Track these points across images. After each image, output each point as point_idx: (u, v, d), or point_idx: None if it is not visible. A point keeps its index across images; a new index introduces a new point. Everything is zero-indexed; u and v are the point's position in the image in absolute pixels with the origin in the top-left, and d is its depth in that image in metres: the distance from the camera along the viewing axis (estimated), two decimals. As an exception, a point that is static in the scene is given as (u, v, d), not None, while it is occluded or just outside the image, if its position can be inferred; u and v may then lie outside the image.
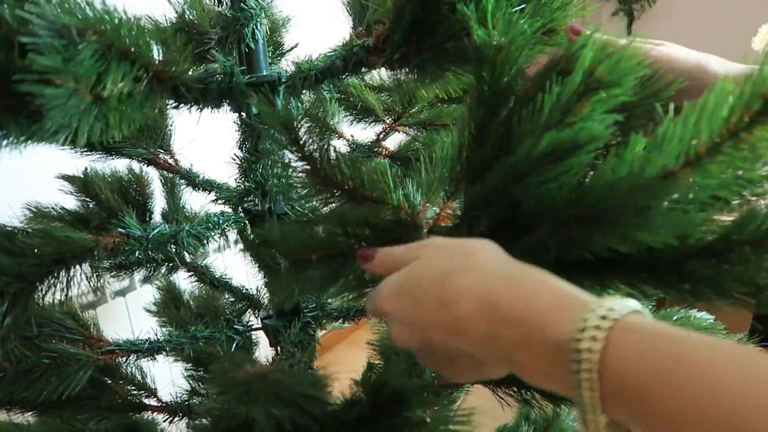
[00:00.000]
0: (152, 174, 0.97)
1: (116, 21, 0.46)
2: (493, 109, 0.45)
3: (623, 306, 0.33)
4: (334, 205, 0.53)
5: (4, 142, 0.46)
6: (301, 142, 0.49)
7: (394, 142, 1.12)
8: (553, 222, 0.41)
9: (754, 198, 0.40)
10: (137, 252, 0.77)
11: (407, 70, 0.64)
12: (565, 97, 0.41)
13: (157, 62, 0.55)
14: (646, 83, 0.45)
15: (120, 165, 0.95)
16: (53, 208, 0.90)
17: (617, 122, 0.42)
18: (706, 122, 0.37)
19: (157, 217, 0.96)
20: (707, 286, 0.42)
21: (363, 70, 0.69)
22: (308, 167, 0.50)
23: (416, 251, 0.43)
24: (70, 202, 0.92)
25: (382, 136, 1.08)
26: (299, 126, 0.49)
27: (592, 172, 0.42)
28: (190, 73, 0.63)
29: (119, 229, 0.75)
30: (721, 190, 0.38)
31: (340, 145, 1.03)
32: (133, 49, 0.49)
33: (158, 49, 0.55)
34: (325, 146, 0.50)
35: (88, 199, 0.91)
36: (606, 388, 0.31)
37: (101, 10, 0.45)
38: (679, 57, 0.61)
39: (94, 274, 0.73)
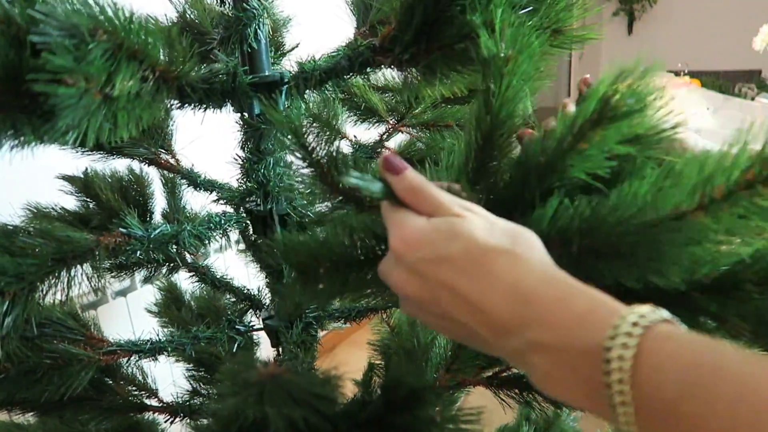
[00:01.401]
0: (153, 174, 0.97)
1: (125, 21, 0.46)
2: (501, 119, 0.45)
3: (655, 314, 0.32)
4: (340, 212, 0.52)
5: (16, 142, 0.46)
6: (309, 148, 0.49)
7: (395, 142, 1.12)
8: (562, 248, 0.41)
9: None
10: (138, 252, 0.77)
11: (415, 70, 0.64)
12: (579, 122, 0.41)
13: (163, 62, 0.55)
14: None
15: (120, 165, 0.95)
16: (53, 209, 0.90)
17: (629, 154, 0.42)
18: (723, 168, 0.37)
19: (157, 217, 0.96)
20: (711, 319, 0.42)
21: (368, 69, 0.69)
22: (316, 173, 0.50)
23: (459, 209, 0.40)
24: (70, 203, 0.91)
25: (385, 136, 1.08)
26: (307, 131, 0.49)
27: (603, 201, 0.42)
28: (194, 73, 0.63)
29: (120, 229, 0.75)
30: (733, 234, 0.39)
31: (343, 146, 1.04)
32: (141, 49, 0.49)
33: (163, 50, 0.55)
34: (334, 152, 0.49)
35: (88, 200, 0.91)
36: (638, 399, 0.30)
37: (111, 10, 0.45)
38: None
39: (95, 274, 0.73)
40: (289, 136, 0.48)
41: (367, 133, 1.11)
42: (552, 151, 0.42)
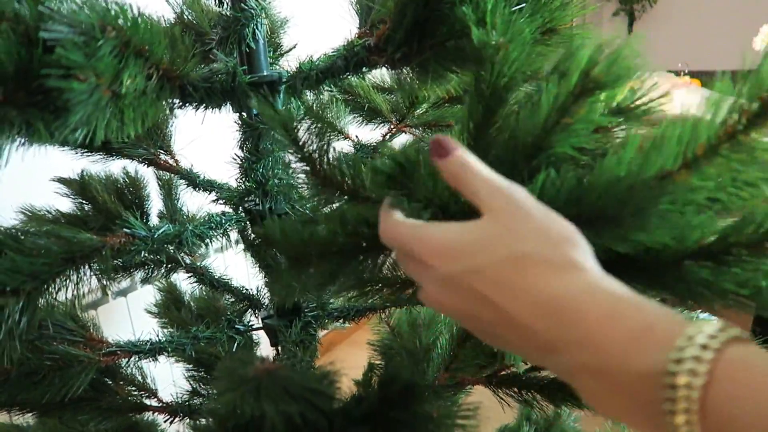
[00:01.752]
0: (149, 176, 0.97)
1: (133, 18, 0.47)
2: (492, 108, 0.45)
3: (726, 333, 0.28)
4: (335, 205, 0.53)
5: (26, 140, 0.46)
6: (300, 143, 0.49)
7: (398, 143, 1.12)
8: None
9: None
10: (142, 252, 0.77)
11: (409, 69, 0.65)
12: (561, 98, 0.41)
13: (166, 60, 0.55)
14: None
15: (114, 168, 0.95)
16: (48, 211, 0.90)
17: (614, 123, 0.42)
18: (704, 124, 0.37)
19: (153, 219, 0.96)
20: (705, 287, 0.41)
21: (364, 69, 0.69)
22: (308, 168, 0.50)
23: (502, 198, 0.36)
24: (64, 205, 0.91)
25: (388, 137, 1.08)
26: (298, 126, 0.49)
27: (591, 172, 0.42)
28: (195, 72, 0.64)
29: (125, 230, 0.75)
30: (719, 192, 0.38)
31: (343, 146, 1.04)
32: (146, 47, 0.50)
33: (166, 48, 0.55)
34: (325, 146, 0.50)
35: (84, 202, 0.91)
36: (708, 421, 0.27)
37: (118, 7, 0.45)
38: None
39: (103, 274, 0.73)
40: (280, 130, 0.49)
41: (371, 134, 1.12)
42: (538, 129, 0.42)
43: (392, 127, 1.09)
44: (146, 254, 0.79)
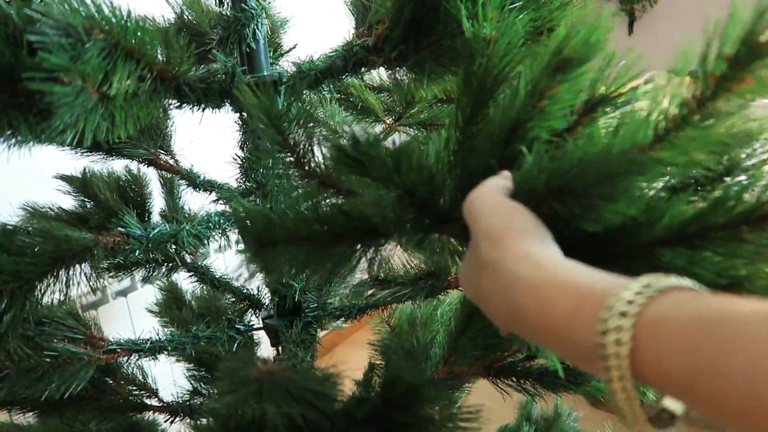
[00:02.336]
0: (151, 174, 0.97)
1: (122, 20, 0.46)
2: (481, 101, 0.44)
3: (649, 288, 0.29)
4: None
5: (12, 141, 0.46)
6: (285, 133, 0.49)
7: (391, 142, 1.11)
8: (530, 199, 0.40)
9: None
10: (137, 251, 0.77)
11: (406, 68, 0.65)
12: (535, 74, 0.41)
13: (160, 62, 0.55)
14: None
15: (117, 166, 0.95)
16: (50, 208, 0.90)
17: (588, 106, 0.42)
18: (673, 96, 0.36)
19: (155, 217, 0.96)
20: (682, 276, 0.40)
21: (363, 69, 0.69)
22: (292, 159, 0.50)
23: (476, 211, 0.40)
24: (68, 202, 0.91)
25: (382, 136, 1.08)
26: (283, 117, 0.49)
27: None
28: (192, 72, 0.64)
29: (119, 229, 0.75)
30: (693, 166, 0.38)
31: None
32: (138, 49, 0.49)
33: (161, 49, 0.55)
34: (309, 138, 0.49)
35: (86, 199, 0.91)
36: (648, 380, 0.28)
37: (107, 10, 0.45)
38: None
39: (94, 274, 0.73)
40: (264, 119, 0.48)
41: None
42: (514, 112, 0.41)
43: (387, 126, 1.09)
44: (142, 253, 0.78)
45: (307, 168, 0.50)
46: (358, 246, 0.50)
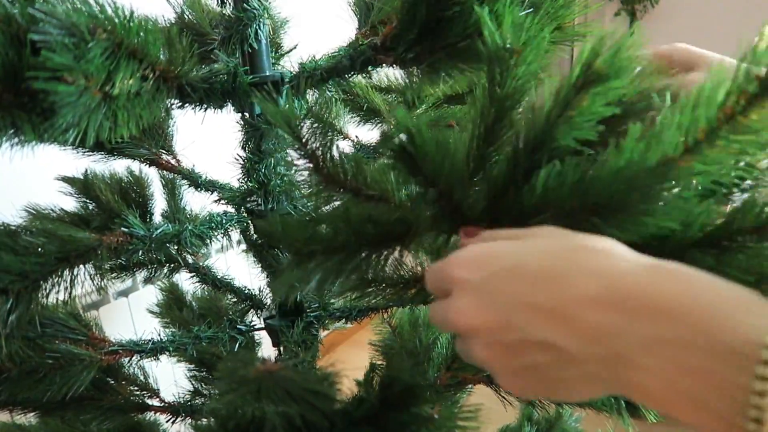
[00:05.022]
0: (152, 175, 0.97)
1: (125, 20, 0.47)
2: (505, 110, 0.45)
3: None
4: (336, 203, 0.53)
5: (15, 140, 0.46)
6: (303, 140, 0.49)
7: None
8: (558, 211, 0.41)
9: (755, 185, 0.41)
10: (140, 252, 0.77)
11: (419, 69, 0.65)
12: (564, 91, 0.41)
13: (163, 61, 0.55)
14: (644, 77, 0.45)
15: (119, 167, 0.95)
16: (53, 210, 0.90)
17: (616, 115, 0.42)
18: (703, 108, 0.37)
19: (157, 218, 0.96)
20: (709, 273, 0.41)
21: (370, 68, 0.69)
22: (311, 165, 0.50)
23: (524, 234, 0.37)
24: (70, 204, 0.92)
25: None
26: (302, 124, 0.49)
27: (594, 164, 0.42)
28: (194, 72, 0.64)
29: (123, 229, 0.75)
30: (722, 176, 0.38)
31: (344, 146, 1.04)
32: (141, 48, 0.49)
33: (163, 49, 0.55)
34: (328, 144, 0.50)
35: (88, 201, 0.91)
36: None
37: (110, 10, 0.45)
38: (681, 49, 0.62)
39: (98, 274, 0.73)
40: (284, 127, 0.48)
41: (370, 134, 1.11)
42: (541, 123, 0.42)
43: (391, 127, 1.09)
44: (145, 254, 0.79)
45: (326, 173, 0.50)
46: (385, 253, 0.50)
